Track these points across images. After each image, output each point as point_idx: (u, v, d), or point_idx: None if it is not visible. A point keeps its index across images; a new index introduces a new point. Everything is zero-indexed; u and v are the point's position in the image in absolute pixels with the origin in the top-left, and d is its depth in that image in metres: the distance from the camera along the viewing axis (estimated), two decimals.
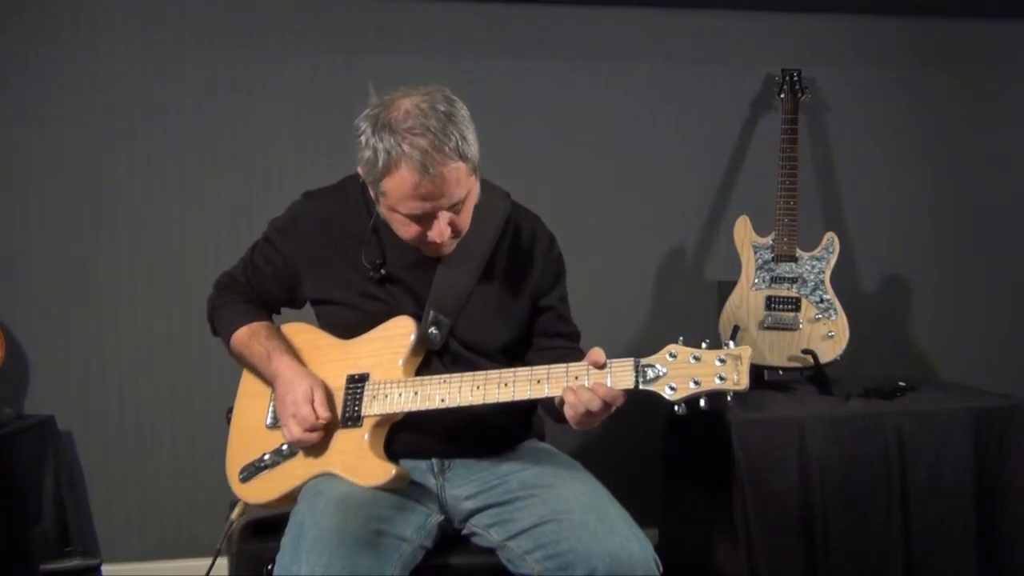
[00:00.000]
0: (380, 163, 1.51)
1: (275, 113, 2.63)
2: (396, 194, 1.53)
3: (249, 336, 1.74)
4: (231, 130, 2.61)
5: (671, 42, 2.80)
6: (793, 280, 2.50)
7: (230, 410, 1.80)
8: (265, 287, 1.79)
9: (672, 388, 1.42)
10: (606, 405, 1.46)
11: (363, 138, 1.54)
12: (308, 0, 2.63)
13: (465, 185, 1.55)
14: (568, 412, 1.49)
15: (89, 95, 2.56)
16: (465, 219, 1.61)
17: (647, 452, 2.69)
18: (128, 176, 2.59)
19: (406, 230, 1.59)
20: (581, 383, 1.47)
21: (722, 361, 1.41)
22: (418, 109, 1.51)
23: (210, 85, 2.60)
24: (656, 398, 1.43)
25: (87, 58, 2.55)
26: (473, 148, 1.55)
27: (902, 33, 2.89)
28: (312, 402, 1.58)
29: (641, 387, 1.44)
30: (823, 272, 2.49)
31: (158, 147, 2.59)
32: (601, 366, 1.47)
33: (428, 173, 1.49)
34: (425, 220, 1.56)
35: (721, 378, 1.40)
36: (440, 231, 1.56)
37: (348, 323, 1.70)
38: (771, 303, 2.50)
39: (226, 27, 2.60)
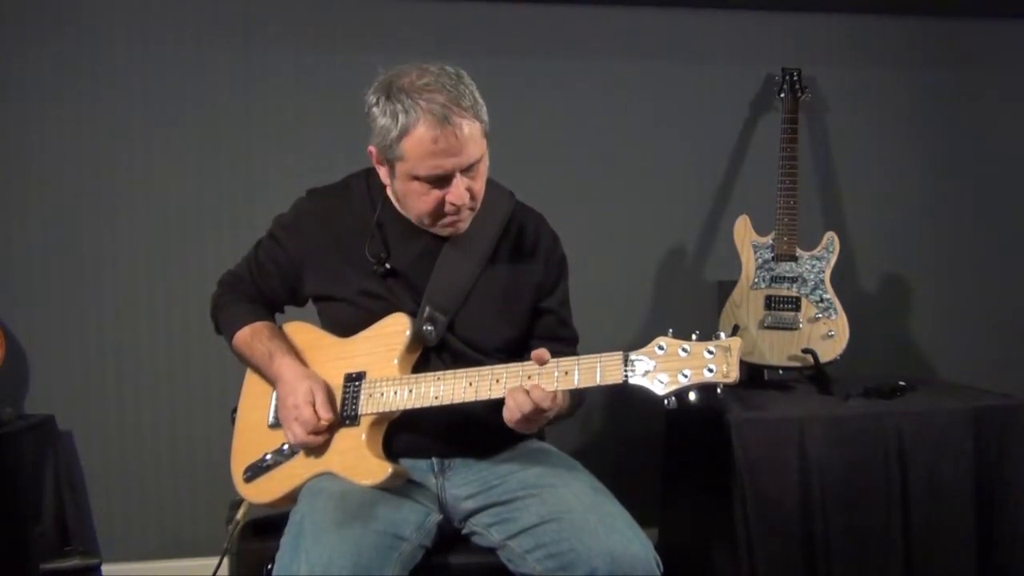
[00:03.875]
0: (398, 125, 1.52)
1: (275, 112, 2.63)
2: (415, 153, 1.53)
3: (251, 336, 1.74)
4: (231, 129, 2.62)
5: (671, 42, 2.80)
6: (793, 279, 2.50)
7: (235, 410, 1.81)
8: (269, 284, 1.79)
9: (661, 381, 1.41)
10: (538, 409, 1.47)
11: (376, 109, 1.56)
12: (308, 0, 2.63)
13: (480, 146, 1.56)
14: (505, 414, 1.50)
15: (89, 95, 2.56)
16: (480, 185, 1.62)
17: (647, 452, 2.68)
18: (128, 176, 2.59)
19: (424, 200, 1.59)
20: (521, 385, 1.48)
21: (711, 352, 1.40)
22: (429, 73, 1.54)
23: (210, 85, 2.60)
24: (647, 393, 1.42)
25: (87, 58, 2.55)
26: (484, 112, 1.57)
27: (902, 33, 2.89)
28: (313, 404, 1.59)
29: (631, 381, 1.43)
30: (823, 271, 2.49)
31: (158, 147, 2.59)
32: (543, 362, 1.48)
33: (448, 123, 1.50)
34: (444, 183, 1.56)
35: (710, 370, 1.39)
36: (459, 193, 1.56)
37: (348, 320, 1.70)
38: (771, 302, 2.50)
39: (226, 27, 2.60)
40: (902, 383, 2.43)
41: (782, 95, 2.67)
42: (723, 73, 2.82)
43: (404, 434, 1.65)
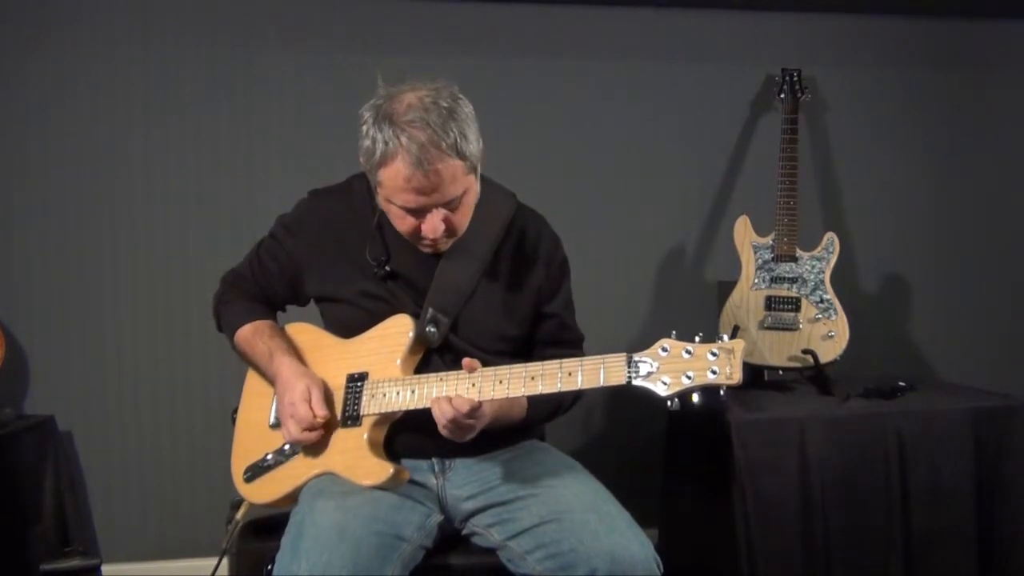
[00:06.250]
0: (377, 153, 1.52)
1: (275, 113, 2.63)
2: (390, 185, 1.54)
3: (252, 334, 1.75)
4: (231, 130, 2.62)
5: (671, 42, 2.80)
6: (793, 280, 2.50)
7: (235, 410, 1.81)
8: (270, 283, 1.80)
9: (665, 383, 1.41)
10: (457, 418, 1.48)
11: (364, 127, 1.56)
12: (309, 0, 2.63)
13: (462, 183, 1.56)
14: (437, 421, 1.51)
15: (89, 95, 2.56)
16: (461, 218, 1.61)
17: (647, 452, 2.69)
18: (128, 176, 2.59)
19: (401, 223, 1.60)
20: (444, 394, 1.51)
21: (714, 355, 1.40)
22: (421, 103, 1.52)
23: (210, 85, 2.60)
24: (649, 394, 1.42)
25: (87, 58, 2.55)
26: (473, 146, 1.55)
27: (902, 33, 2.89)
28: (309, 401, 1.59)
29: (634, 382, 1.43)
30: (823, 272, 2.49)
31: (158, 147, 2.59)
32: (472, 371, 1.51)
33: (422, 167, 1.49)
34: (419, 214, 1.57)
35: (714, 372, 1.39)
36: (433, 227, 1.57)
37: (350, 321, 1.70)
38: (771, 303, 2.50)
39: (226, 27, 2.60)
40: (902, 383, 2.43)
41: (782, 95, 2.67)
42: (723, 73, 2.82)
43: (405, 434, 1.65)
